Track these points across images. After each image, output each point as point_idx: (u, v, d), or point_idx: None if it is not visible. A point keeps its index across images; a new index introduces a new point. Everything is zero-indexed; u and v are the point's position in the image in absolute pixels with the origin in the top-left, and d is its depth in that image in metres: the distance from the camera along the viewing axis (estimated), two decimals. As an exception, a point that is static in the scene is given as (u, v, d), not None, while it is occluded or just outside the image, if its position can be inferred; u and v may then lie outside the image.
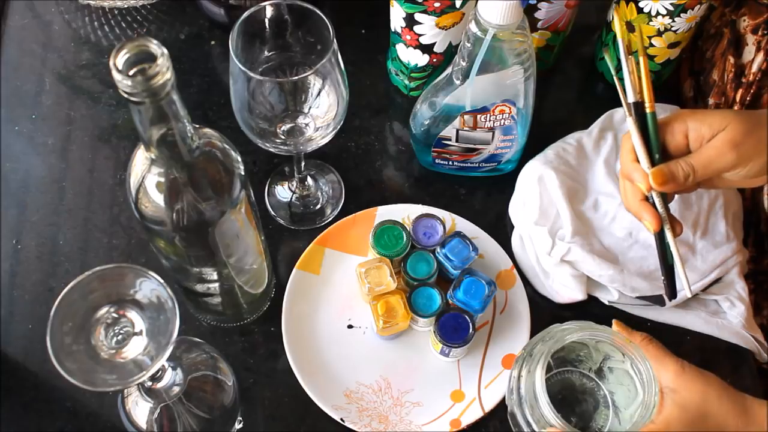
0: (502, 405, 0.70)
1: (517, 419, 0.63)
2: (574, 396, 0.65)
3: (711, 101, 0.83)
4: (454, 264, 0.71)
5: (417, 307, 0.70)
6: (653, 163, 0.61)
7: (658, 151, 0.61)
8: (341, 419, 0.68)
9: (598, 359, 0.64)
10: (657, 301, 0.73)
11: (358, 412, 0.69)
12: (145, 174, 0.52)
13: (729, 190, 0.77)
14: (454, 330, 0.69)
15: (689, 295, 0.65)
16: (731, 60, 0.79)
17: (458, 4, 0.73)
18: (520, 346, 0.72)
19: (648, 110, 0.62)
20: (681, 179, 0.59)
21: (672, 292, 0.63)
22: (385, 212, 0.77)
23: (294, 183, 0.80)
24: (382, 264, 0.71)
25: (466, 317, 0.69)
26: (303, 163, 0.76)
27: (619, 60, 0.63)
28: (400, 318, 0.69)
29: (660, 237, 0.62)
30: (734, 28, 0.80)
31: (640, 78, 0.62)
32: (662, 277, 0.63)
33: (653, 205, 0.61)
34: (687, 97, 0.87)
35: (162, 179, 0.51)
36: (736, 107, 0.79)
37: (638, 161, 0.61)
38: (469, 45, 0.67)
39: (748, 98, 0.78)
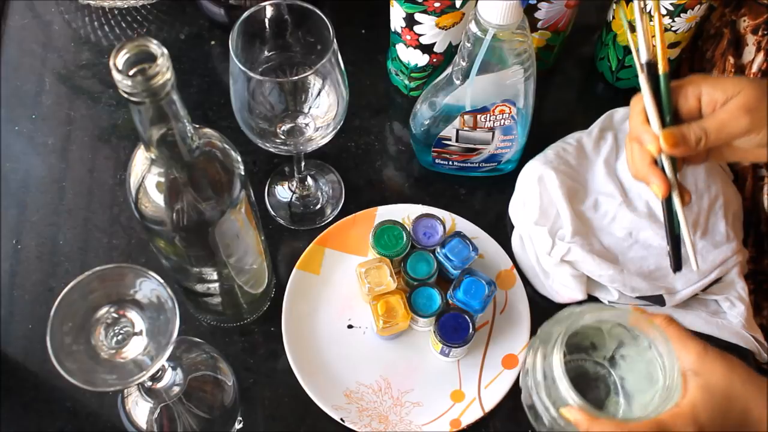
0: (502, 405, 0.70)
1: (534, 404, 0.60)
2: (586, 383, 0.64)
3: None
4: (454, 264, 0.71)
5: (417, 307, 0.70)
6: (664, 125, 0.59)
7: (670, 113, 0.59)
8: (341, 419, 0.68)
9: (612, 346, 0.62)
10: (657, 301, 0.73)
11: (358, 412, 0.69)
12: (145, 174, 0.52)
13: (729, 189, 0.77)
14: (454, 330, 0.69)
15: (695, 269, 0.61)
16: (731, 60, 0.79)
17: (458, 4, 0.73)
18: (520, 346, 0.72)
19: (661, 71, 0.60)
20: (693, 143, 0.57)
21: (677, 263, 0.61)
22: (385, 212, 0.77)
23: (294, 183, 0.80)
24: (382, 264, 0.71)
25: (466, 317, 0.69)
26: (303, 163, 0.76)
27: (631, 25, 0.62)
28: (400, 318, 0.69)
29: (667, 205, 0.60)
30: (734, 28, 0.80)
31: (654, 37, 0.60)
32: (667, 248, 0.61)
33: (662, 170, 0.59)
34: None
35: (162, 179, 0.52)
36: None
37: (649, 123, 0.59)
38: (469, 45, 0.67)
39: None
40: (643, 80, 0.60)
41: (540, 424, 0.60)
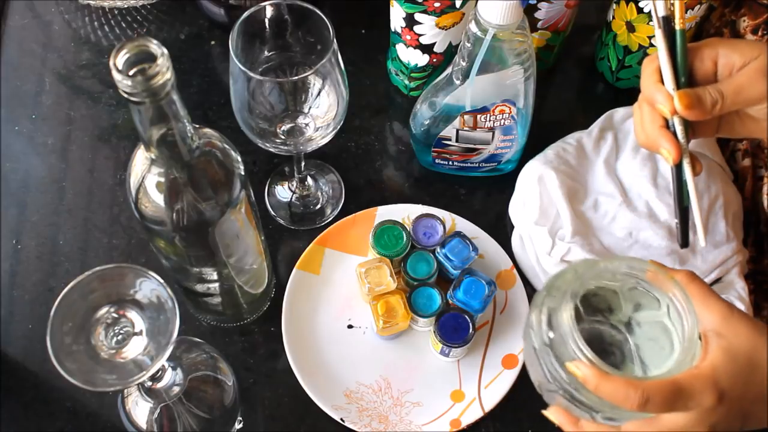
0: (502, 405, 0.70)
1: (539, 362, 0.53)
2: (602, 348, 0.56)
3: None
4: (454, 264, 0.71)
5: (417, 307, 0.70)
6: (679, 86, 0.56)
7: (685, 74, 0.57)
8: (341, 419, 0.68)
9: (628, 310, 0.56)
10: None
11: (358, 412, 0.69)
12: (145, 174, 0.52)
13: (729, 189, 0.77)
14: (454, 330, 0.69)
15: (702, 245, 0.57)
16: (731, 60, 0.79)
17: (458, 4, 0.73)
18: (520, 346, 0.72)
19: (678, 26, 0.57)
20: (708, 105, 0.54)
21: (684, 239, 0.58)
22: (385, 212, 0.77)
23: (294, 183, 0.80)
24: (382, 264, 0.71)
25: (466, 317, 0.69)
26: (303, 163, 0.76)
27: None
28: (400, 318, 0.69)
29: (677, 173, 0.57)
30: (734, 28, 0.80)
31: None
32: (675, 221, 0.58)
33: (674, 134, 0.56)
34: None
35: (162, 179, 0.52)
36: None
37: (662, 83, 0.56)
38: (469, 45, 0.67)
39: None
40: (659, 36, 0.57)
41: (550, 398, 0.54)
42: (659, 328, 0.54)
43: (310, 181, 0.81)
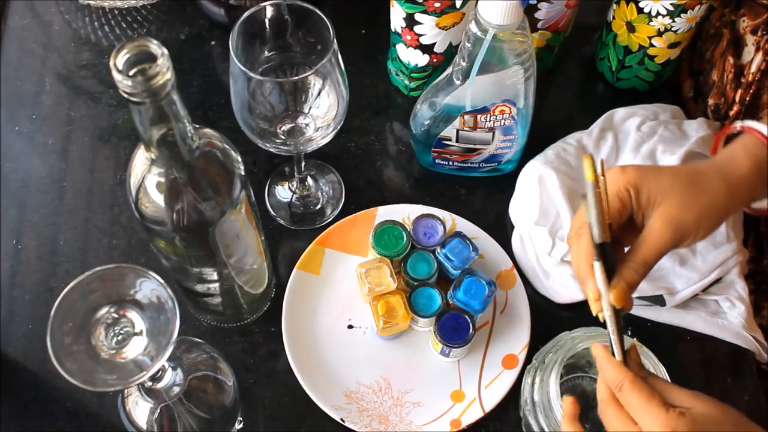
0: (502, 405, 0.70)
1: (531, 427, 0.63)
2: (586, 402, 0.65)
3: (710, 101, 0.83)
4: (454, 264, 0.71)
5: (417, 307, 0.70)
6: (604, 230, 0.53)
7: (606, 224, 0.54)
8: (341, 419, 0.68)
9: None
10: (657, 301, 0.73)
11: (359, 412, 0.69)
12: (145, 174, 0.52)
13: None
14: (454, 330, 0.69)
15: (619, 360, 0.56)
16: (731, 60, 0.79)
17: (458, 4, 0.73)
18: (520, 346, 0.72)
19: (601, 189, 0.54)
20: (639, 281, 0.54)
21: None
22: (385, 212, 0.77)
23: (294, 183, 0.80)
24: (382, 264, 0.71)
25: (466, 317, 0.69)
26: (303, 163, 0.76)
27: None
28: (400, 318, 0.69)
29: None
30: (734, 28, 0.80)
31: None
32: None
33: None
34: (687, 97, 0.87)
35: (162, 179, 0.51)
36: (736, 107, 0.79)
37: (593, 269, 0.54)
38: (469, 45, 0.67)
39: (747, 98, 0.78)
40: (598, 268, 0.54)
41: None
42: None
43: (310, 181, 0.81)
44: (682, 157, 0.75)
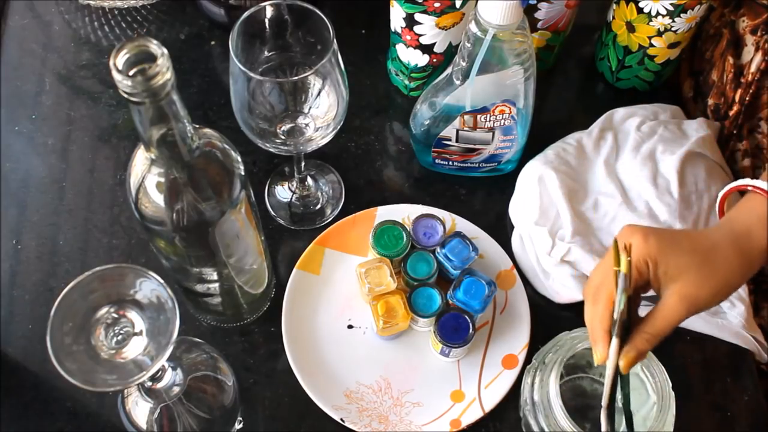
0: (502, 405, 0.70)
1: (531, 427, 0.63)
2: (586, 402, 0.65)
3: (710, 101, 0.83)
4: (454, 264, 0.71)
5: (417, 307, 0.70)
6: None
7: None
8: (341, 419, 0.68)
9: None
10: (656, 300, 0.73)
11: (358, 412, 0.69)
12: (145, 174, 0.52)
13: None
14: (454, 330, 0.69)
15: None
16: (730, 60, 0.79)
17: (458, 4, 0.73)
18: (520, 346, 0.72)
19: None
20: (648, 350, 0.56)
21: None
22: (385, 212, 0.77)
23: (294, 183, 0.80)
24: (382, 264, 0.71)
25: (466, 317, 0.69)
26: (303, 163, 0.76)
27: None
28: (400, 318, 0.69)
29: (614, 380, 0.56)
30: (733, 28, 0.80)
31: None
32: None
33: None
34: (687, 97, 0.87)
35: (162, 179, 0.51)
36: (735, 107, 0.79)
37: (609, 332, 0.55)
38: (469, 45, 0.67)
39: (747, 98, 0.78)
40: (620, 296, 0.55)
41: None
42: (638, 378, 0.63)
43: (310, 181, 0.81)
44: (682, 157, 0.75)
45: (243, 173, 0.56)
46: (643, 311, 0.74)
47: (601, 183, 0.77)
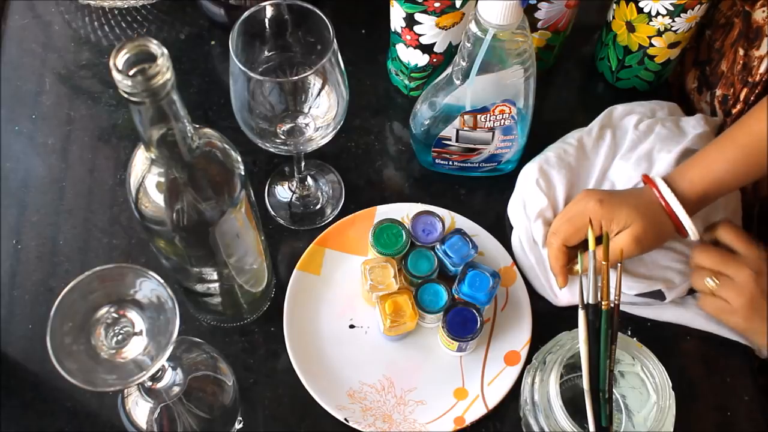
0: (505, 402, 0.70)
1: (531, 427, 0.63)
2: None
3: (718, 92, 0.82)
4: (453, 261, 0.71)
5: (424, 304, 0.70)
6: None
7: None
8: (345, 419, 0.68)
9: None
10: (657, 296, 0.73)
11: (362, 412, 0.69)
12: (145, 174, 0.52)
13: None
14: (463, 324, 0.69)
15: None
16: (741, 52, 0.79)
17: (458, 4, 0.73)
18: (522, 342, 0.72)
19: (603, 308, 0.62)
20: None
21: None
22: (385, 211, 0.77)
23: (294, 183, 0.80)
24: (387, 264, 0.71)
25: (473, 310, 0.69)
26: (303, 163, 0.76)
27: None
28: (408, 318, 0.69)
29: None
30: (747, 19, 0.79)
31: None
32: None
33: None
34: (690, 88, 0.87)
35: (162, 179, 0.51)
36: (739, 105, 0.79)
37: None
38: (469, 45, 0.67)
39: (752, 98, 0.78)
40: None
41: None
42: (638, 378, 0.63)
43: (310, 181, 0.81)
44: (678, 155, 0.75)
45: (243, 173, 0.56)
46: (643, 310, 0.75)
47: (600, 183, 0.77)
